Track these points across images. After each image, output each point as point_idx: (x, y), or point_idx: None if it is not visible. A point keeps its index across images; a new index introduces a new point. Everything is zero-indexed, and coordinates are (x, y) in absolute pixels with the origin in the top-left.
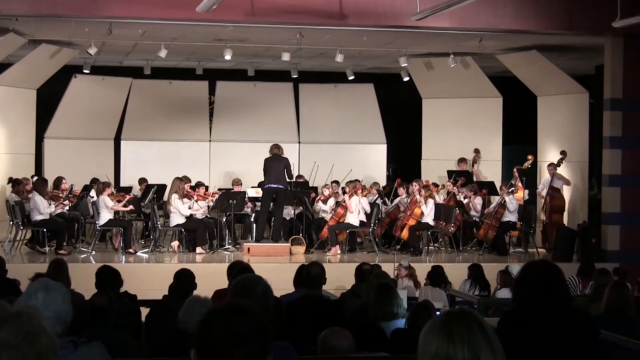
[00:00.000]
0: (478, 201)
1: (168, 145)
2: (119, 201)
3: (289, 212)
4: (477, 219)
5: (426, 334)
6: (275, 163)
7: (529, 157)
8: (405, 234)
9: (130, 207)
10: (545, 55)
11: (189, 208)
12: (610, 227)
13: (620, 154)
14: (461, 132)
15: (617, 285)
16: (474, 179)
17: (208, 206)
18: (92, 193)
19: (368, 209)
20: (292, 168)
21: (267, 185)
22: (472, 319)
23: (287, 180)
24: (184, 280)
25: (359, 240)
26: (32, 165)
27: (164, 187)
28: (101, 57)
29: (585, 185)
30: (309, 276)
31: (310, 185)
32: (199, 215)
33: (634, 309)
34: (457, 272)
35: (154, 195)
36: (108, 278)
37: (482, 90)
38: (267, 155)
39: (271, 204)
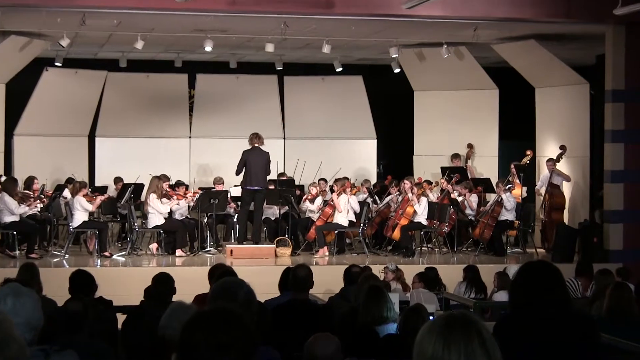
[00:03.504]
0: (473, 199)
1: (145, 142)
2: (89, 201)
3: (274, 211)
4: (473, 218)
5: (423, 337)
6: (255, 158)
7: (527, 152)
8: (396, 234)
9: (101, 197)
10: (543, 44)
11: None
12: (612, 226)
13: (622, 148)
14: (455, 127)
15: (618, 286)
16: (469, 176)
17: (188, 206)
18: (66, 193)
19: (357, 208)
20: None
21: (247, 187)
22: (472, 326)
23: (267, 177)
24: (163, 284)
25: (348, 241)
26: (0, 163)
27: (141, 186)
28: (74, 49)
29: (586, 182)
30: (296, 279)
31: (297, 183)
32: (179, 216)
33: (636, 311)
34: (451, 274)
35: (130, 195)
36: (82, 283)
37: (477, 82)
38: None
39: (252, 203)
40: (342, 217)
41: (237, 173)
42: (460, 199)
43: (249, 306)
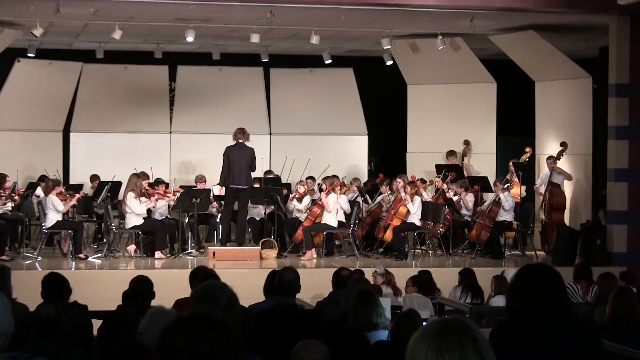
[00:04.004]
0: (470, 198)
1: (123, 138)
2: (62, 200)
3: (259, 211)
4: (469, 219)
5: (416, 343)
6: (239, 153)
7: (527, 149)
8: (388, 235)
9: (75, 196)
10: (543, 36)
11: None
12: (616, 227)
13: (627, 145)
14: (451, 122)
15: (622, 291)
16: (465, 174)
17: (168, 206)
18: (38, 191)
19: (347, 208)
20: (256, 160)
21: (230, 185)
22: (466, 332)
23: (252, 175)
24: (141, 288)
25: (337, 242)
26: None
27: (118, 184)
28: (48, 39)
29: (588, 181)
30: (282, 283)
31: (283, 181)
32: (158, 216)
33: None
34: (446, 278)
35: (107, 194)
36: (55, 286)
37: (474, 75)
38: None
39: (236, 203)
40: (331, 218)
41: (222, 175)
42: (455, 198)
43: (232, 311)
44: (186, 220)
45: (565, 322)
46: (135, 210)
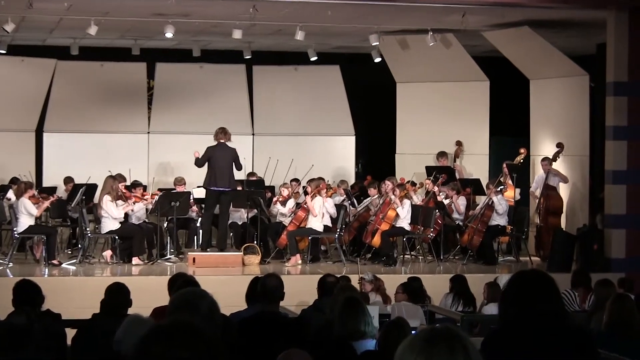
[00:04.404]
0: (461, 202)
1: (99, 138)
2: (35, 204)
3: (241, 215)
4: (461, 223)
5: (404, 353)
6: (221, 154)
7: (521, 150)
8: (376, 240)
9: (49, 199)
10: (538, 32)
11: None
12: (614, 231)
13: (625, 145)
14: (442, 122)
15: (620, 298)
16: (457, 176)
17: (146, 209)
18: (10, 194)
19: (334, 212)
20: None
21: (212, 187)
22: (456, 341)
23: (235, 176)
24: (117, 296)
25: (323, 248)
26: None
27: (94, 187)
28: (20, 34)
29: (585, 183)
30: (265, 290)
31: (267, 184)
32: (136, 220)
33: (639, 325)
34: (437, 285)
35: (82, 197)
36: (28, 294)
37: (466, 73)
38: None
39: (217, 206)
40: (317, 222)
41: (198, 166)
42: (447, 201)
43: (212, 319)
44: (165, 225)
45: (560, 330)
46: (112, 214)
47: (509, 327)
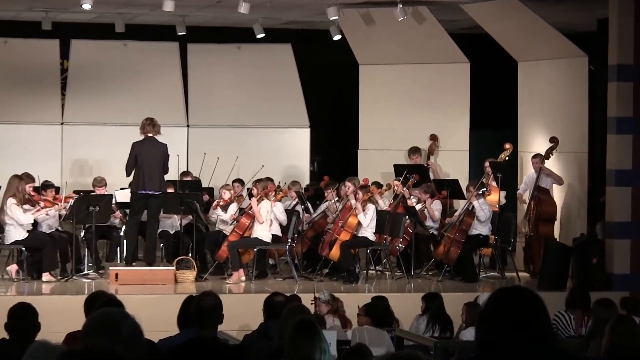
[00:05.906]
0: (436, 207)
1: (1, 130)
2: None
3: (173, 222)
4: (435, 232)
5: None
6: (149, 152)
7: (507, 145)
8: (335, 253)
9: None
10: (529, 5)
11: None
12: (617, 242)
13: (630, 140)
14: (413, 112)
15: (621, 320)
16: (431, 177)
17: (59, 215)
18: None
19: (284, 219)
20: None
21: (138, 191)
22: None
23: (165, 178)
24: (22, 319)
25: (271, 262)
26: None
27: None
28: None
29: (583, 185)
30: (200, 311)
31: (204, 185)
32: (47, 228)
33: None
34: (407, 305)
35: None
36: None
37: (443, 53)
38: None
39: (145, 212)
40: (264, 231)
41: (128, 173)
42: (419, 206)
43: (134, 345)
44: (82, 234)
45: (547, 357)
46: (19, 221)
47: (488, 355)
